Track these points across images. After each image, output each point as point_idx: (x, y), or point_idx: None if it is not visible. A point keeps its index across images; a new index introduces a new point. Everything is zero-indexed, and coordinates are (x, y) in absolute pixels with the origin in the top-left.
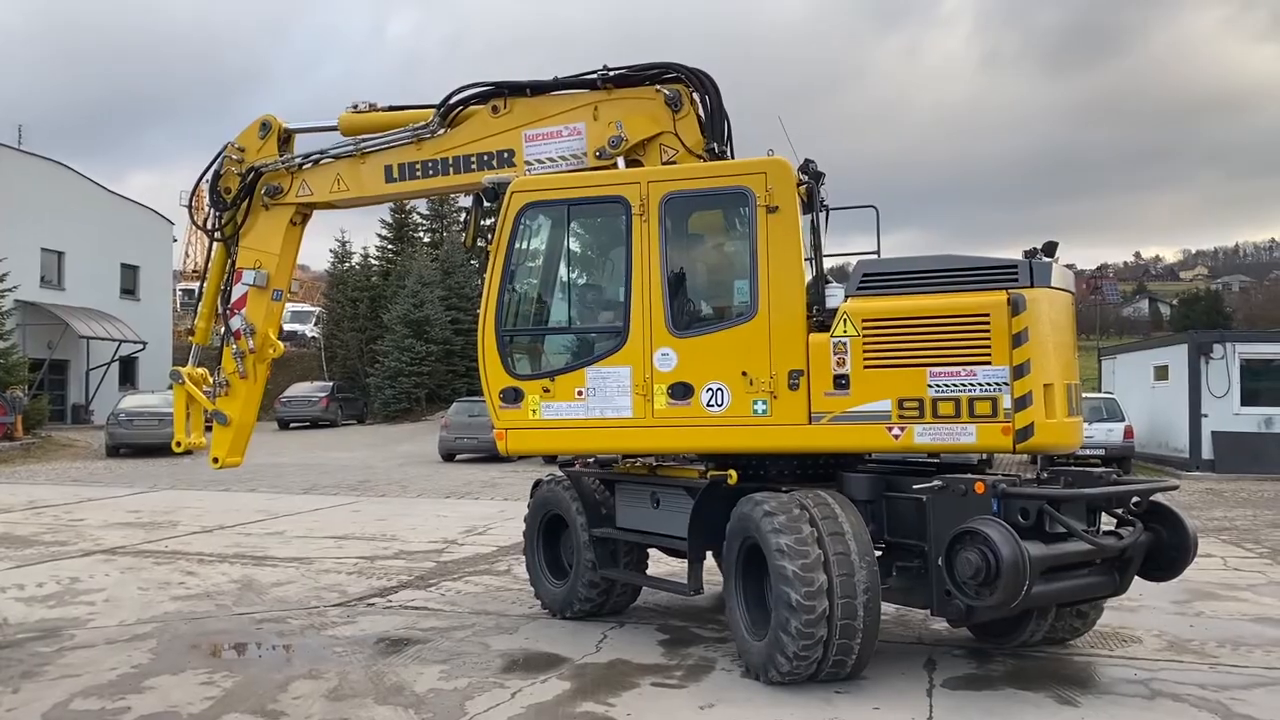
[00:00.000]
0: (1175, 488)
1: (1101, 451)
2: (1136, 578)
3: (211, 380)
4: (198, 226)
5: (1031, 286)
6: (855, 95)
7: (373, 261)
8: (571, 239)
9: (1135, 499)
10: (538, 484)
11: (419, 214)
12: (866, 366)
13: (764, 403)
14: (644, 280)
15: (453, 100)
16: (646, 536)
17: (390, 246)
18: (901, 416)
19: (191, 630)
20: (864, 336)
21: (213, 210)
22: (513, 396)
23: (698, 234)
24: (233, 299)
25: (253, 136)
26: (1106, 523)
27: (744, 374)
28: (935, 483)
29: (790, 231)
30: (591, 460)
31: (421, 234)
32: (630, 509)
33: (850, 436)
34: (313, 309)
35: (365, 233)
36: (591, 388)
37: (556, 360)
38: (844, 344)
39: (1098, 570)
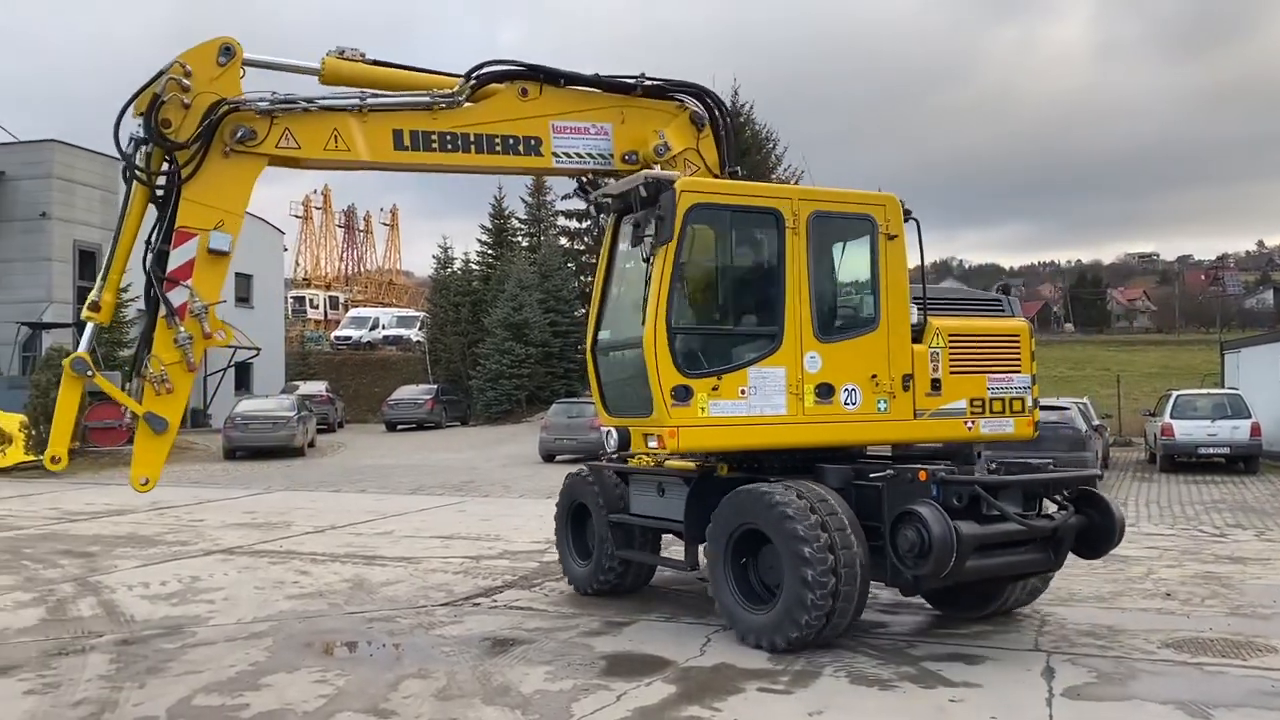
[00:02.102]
0: (1099, 477)
1: (1226, 450)
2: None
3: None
4: (127, 163)
5: (1011, 316)
6: (965, 88)
7: (473, 266)
8: (735, 244)
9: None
10: (568, 477)
11: (517, 219)
12: (951, 373)
13: (885, 402)
14: (796, 288)
15: (484, 72)
16: (654, 521)
17: (490, 251)
18: (972, 413)
19: (305, 629)
20: (949, 348)
21: (139, 145)
22: (683, 394)
23: (834, 251)
24: (172, 265)
25: (208, 60)
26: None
27: (873, 377)
28: (889, 472)
29: (902, 256)
30: (616, 456)
31: (520, 238)
32: (641, 497)
33: (940, 429)
34: (417, 314)
35: (466, 238)
36: (753, 386)
37: (723, 359)
38: (937, 354)
39: (1033, 548)
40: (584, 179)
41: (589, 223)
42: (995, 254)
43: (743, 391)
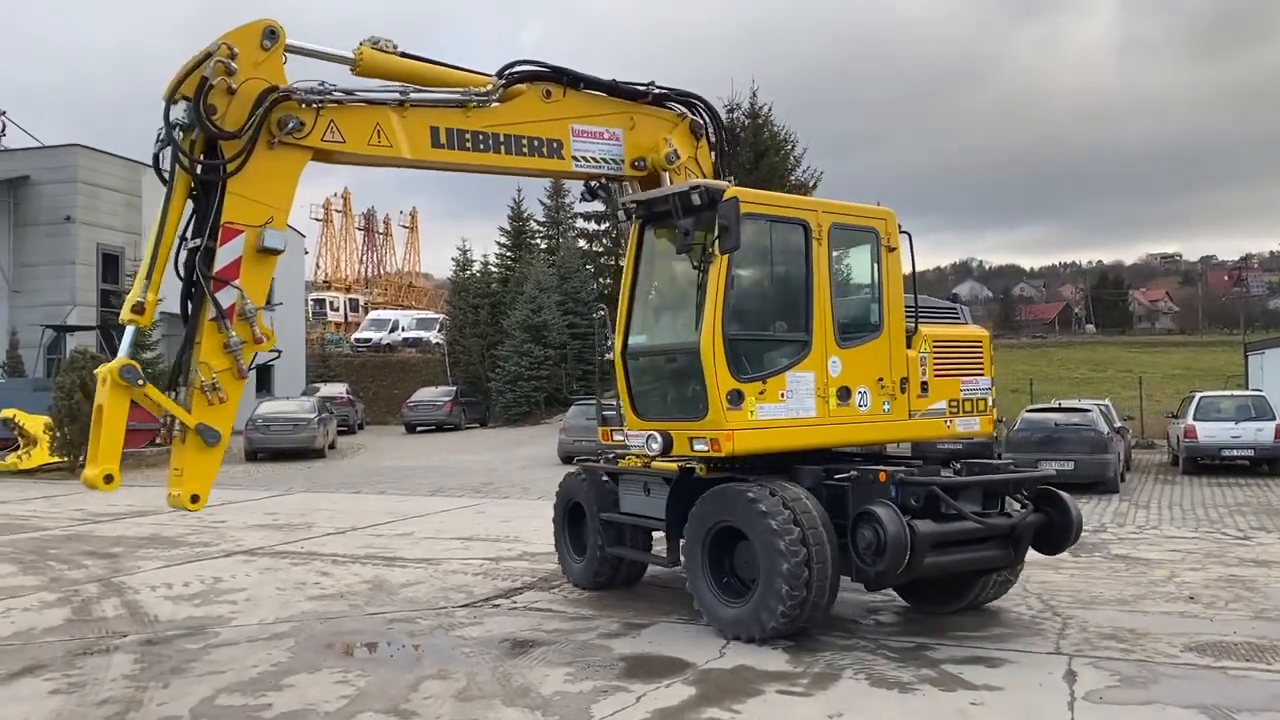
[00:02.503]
0: (1053, 476)
1: (1250, 452)
2: None
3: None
4: (175, 151)
5: (965, 324)
6: (988, 86)
7: (492, 269)
8: (774, 253)
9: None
10: (565, 477)
11: (536, 221)
12: (936, 376)
13: (888, 403)
14: (821, 296)
15: (515, 72)
16: (640, 519)
17: (509, 253)
18: (950, 412)
19: (327, 630)
20: (934, 353)
21: (184, 132)
22: (736, 399)
23: (846, 261)
24: (219, 264)
25: (253, 43)
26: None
27: (879, 380)
28: (853, 472)
29: (899, 267)
30: (611, 456)
31: (538, 240)
32: (629, 496)
33: (928, 428)
34: (436, 316)
35: (485, 241)
36: (790, 390)
37: (768, 365)
38: (924, 358)
39: (992, 545)
40: (596, 183)
41: (607, 224)
42: (1016, 255)
43: (783, 395)
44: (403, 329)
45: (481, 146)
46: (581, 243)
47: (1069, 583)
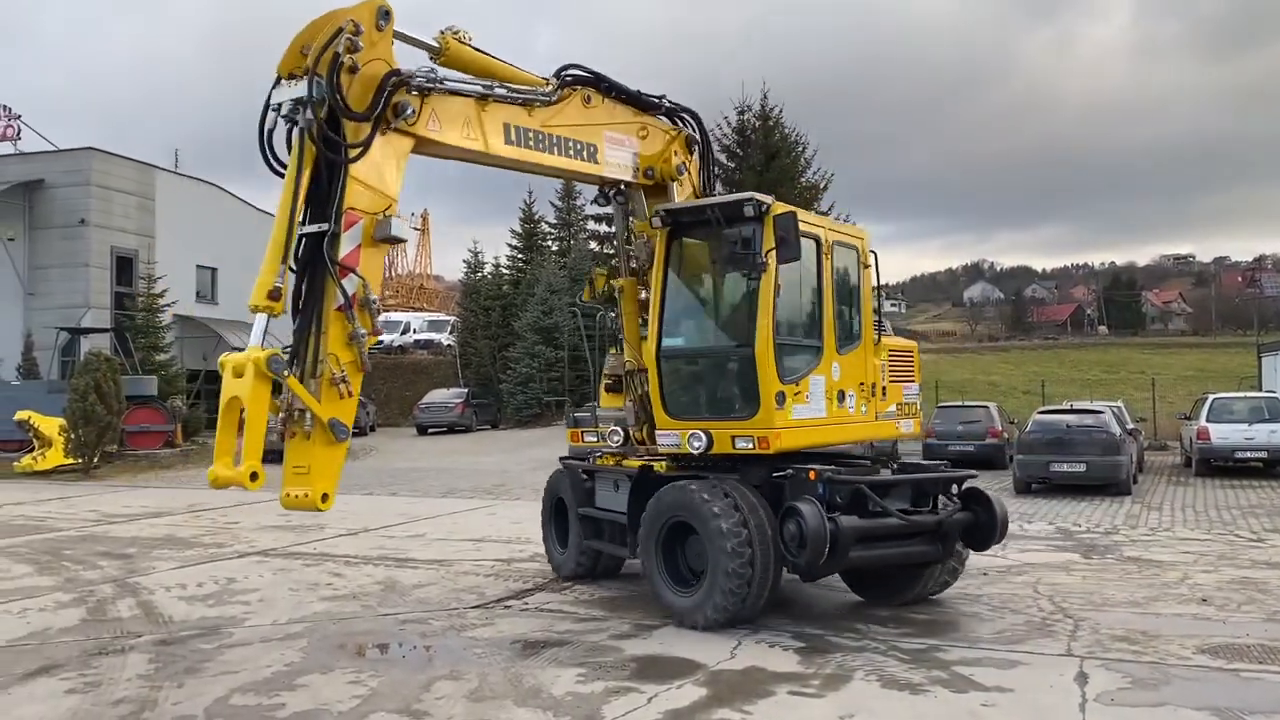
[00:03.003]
0: (974, 476)
1: (1263, 454)
2: None
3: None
4: (325, 132)
5: (890, 335)
6: (1002, 87)
7: (504, 271)
8: (802, 265)
9: (955, 485)
10: (551, 475)
11: (547, 223)
12: (890, 381)
13: (865, 406)
14: (828, 306)
15: (569, 74)
16: (612, 514)
17: (520, 255)
18: (899, 414)
19: (339, 630)
20: (889, 361)
21: (312, 109)
22: (780, 400)
23: (839, 275)
24: (343, 251)
25: (370, 21)
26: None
27: (861, 384)
28: (789, 470)
29: (870, 282)
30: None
31: (549, 242)
32: (604, 493)
33: (886, 429)
34: (448, 318)
35: (497, 243)
36: (812, 392)
37: (798, 368)
38: (883, 366)
39: (920, 540)
40: (612, 189)
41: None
42: (1028, 256)
43: (807, 397)
44: (414, 331)
45: (540, 146)
46: (593, 245)
47: (1081, 584)
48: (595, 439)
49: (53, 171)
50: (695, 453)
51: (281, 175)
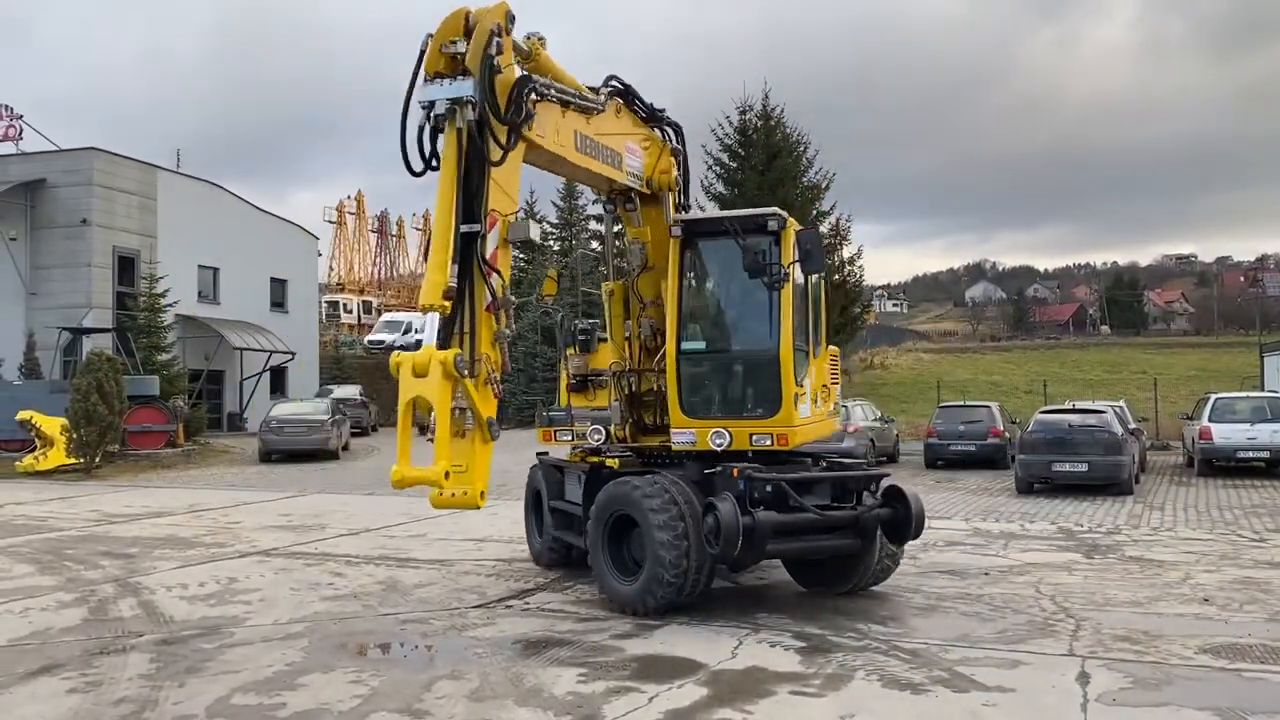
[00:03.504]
0: (887, 475)
1: (1266, 454)
2: None
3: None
4: (490, 134)
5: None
6: (1005, 87)
7: None
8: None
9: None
10: (531, 469)
11: (548, 223)
12: (830, 383)
13: (821, 405)
14: (812, 313)
15: (612, 85)
16: (576, 506)
17: (521, 255)
18: (834, 414)
19: (340, 630)
20: (829, 365)
21: (470, 110)
22: (795, 400)
23: (812, 283)
24: (489, 251)
25: (503, 24)
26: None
27: (825, 386)
28: (719, 467)
29: (822, 288)
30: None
31: (551, 243)
32: (571, 487)
33: (829, 427)
34: None
35: None
36: (805, 394)
37: (801, 371)
38: (826, 369)
39: (841, 534)
40: (616, 196)
41: (619, 227)
42: (1031, 256)
43: (805, 398)
44: (416, 330)
45: (591, 153)
46: (594, 245)
47: (1083, 584)
48: (569, 438)
49: (54, 171)
50: (717, 449)
51: (416, 175)
